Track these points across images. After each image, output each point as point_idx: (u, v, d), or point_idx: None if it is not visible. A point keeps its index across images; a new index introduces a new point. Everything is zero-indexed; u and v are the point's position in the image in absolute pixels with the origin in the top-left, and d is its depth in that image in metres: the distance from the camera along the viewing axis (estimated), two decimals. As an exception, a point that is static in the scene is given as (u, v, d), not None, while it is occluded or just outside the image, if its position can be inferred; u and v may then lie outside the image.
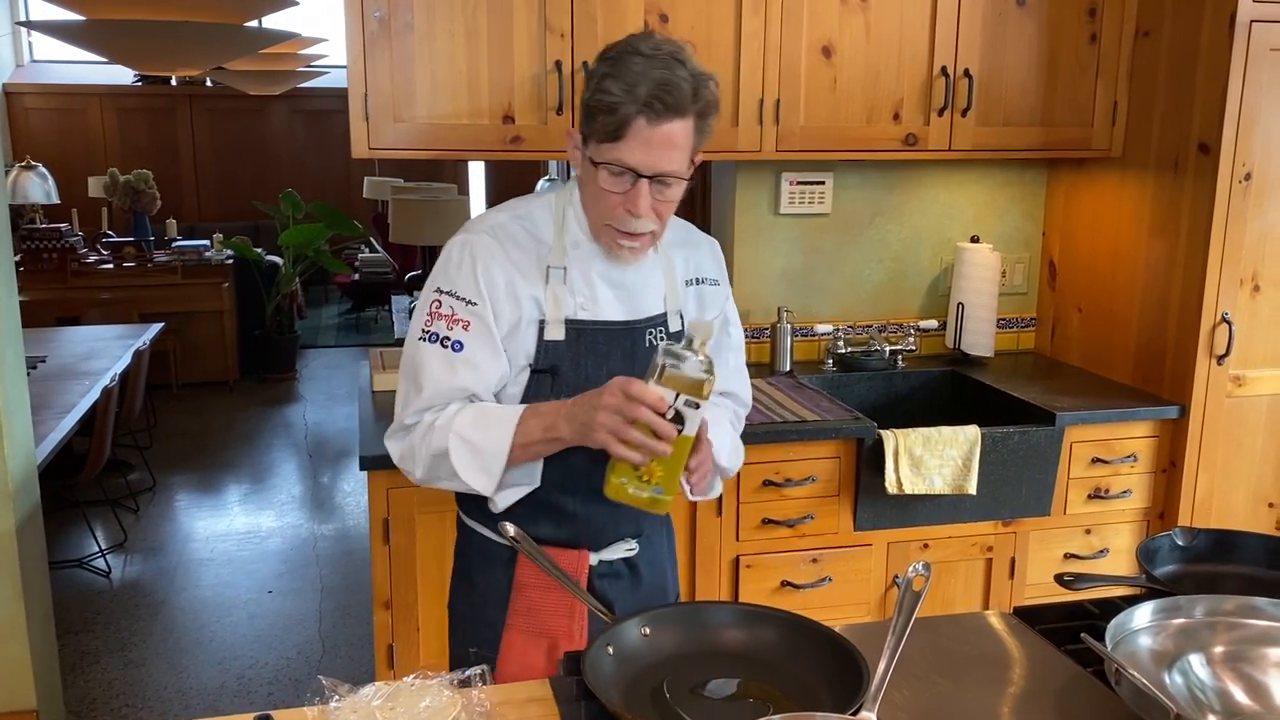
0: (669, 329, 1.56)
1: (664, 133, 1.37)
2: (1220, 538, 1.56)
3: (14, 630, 2.51)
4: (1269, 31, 2.43)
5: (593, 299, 1.50)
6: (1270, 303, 2.60)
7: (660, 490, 1.32)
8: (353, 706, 1.13)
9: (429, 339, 1.47)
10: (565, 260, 1.50)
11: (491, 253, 1.48)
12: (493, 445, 1.42)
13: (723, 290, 1.67)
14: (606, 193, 1.42)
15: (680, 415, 1.29)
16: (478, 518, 1.60)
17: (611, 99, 1.37)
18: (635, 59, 1.37)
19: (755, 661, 1.27)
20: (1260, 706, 1.19)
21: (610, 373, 1.47)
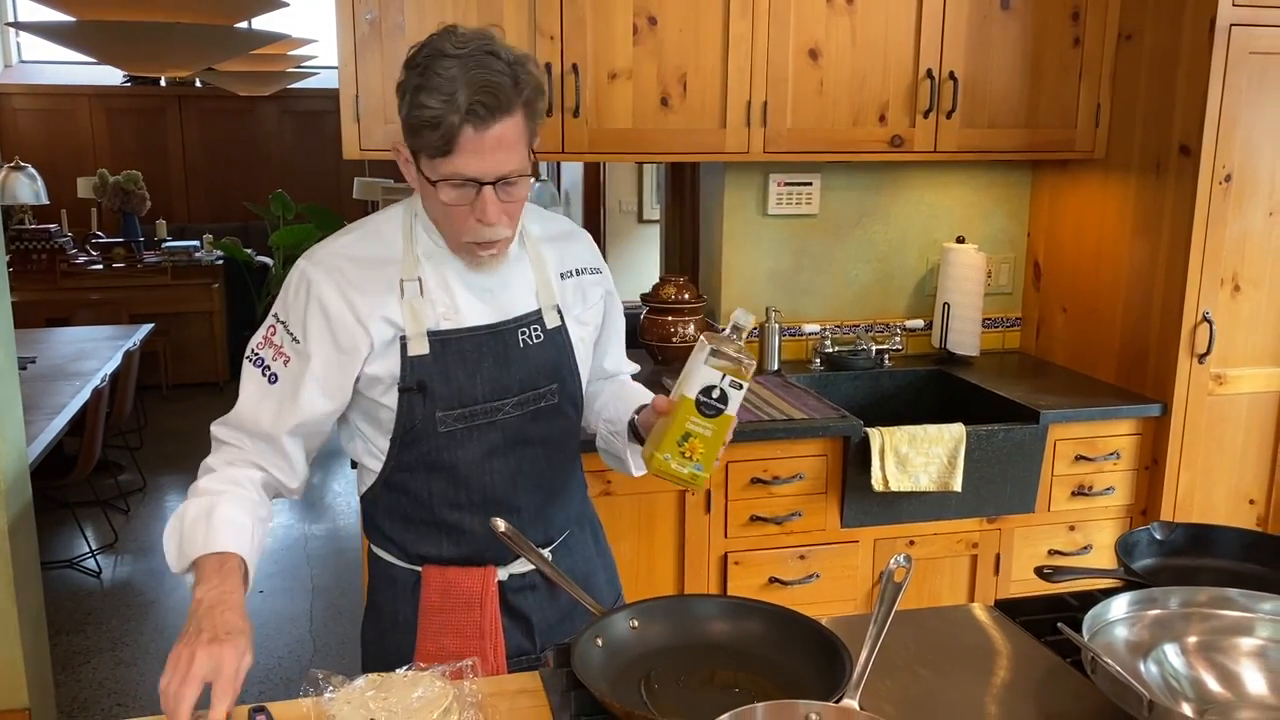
0: (545, 325, 1.50)
1: (495, 135, 1.29)
2: (1197, 532, 1.59)
3: (6, 629, 2.51)
4: (1248, 35, 2.47)
5: (454, 306, 1.44)
6: (1250, 302, 2.64)
7: (700, 467, 1.34)
8: (346, 697, 1.15)
9: (255, 361, 1.45)
10: (418, 271, 1.43)
11: (327, 288, 1.40)
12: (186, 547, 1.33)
13: (605, 279, 1.63)
14: (451, 207, 1.35)
15: (725, 395, 1.32)
16: (380, 543, 1.56)
17: (431, 112, 1.28)
18: (444, 61, 1.28)
19: (741, 653, 1.30)
20: (1232, 694, 1.22)
21: (485, 379, 1.44)
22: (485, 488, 1.48)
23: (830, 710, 1.05)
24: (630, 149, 2.55)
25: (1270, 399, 2.71)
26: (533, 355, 1.49)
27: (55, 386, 4.03)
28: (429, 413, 1.43)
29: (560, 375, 1.52)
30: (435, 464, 1.46)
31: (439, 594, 1.49)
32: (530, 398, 1.49)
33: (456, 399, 1.44)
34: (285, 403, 1.43)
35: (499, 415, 1.47)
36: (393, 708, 1.12)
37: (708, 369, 1.32)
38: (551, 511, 1.56)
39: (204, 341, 6.98)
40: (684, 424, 1.32)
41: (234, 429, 1.46)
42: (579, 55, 2.42)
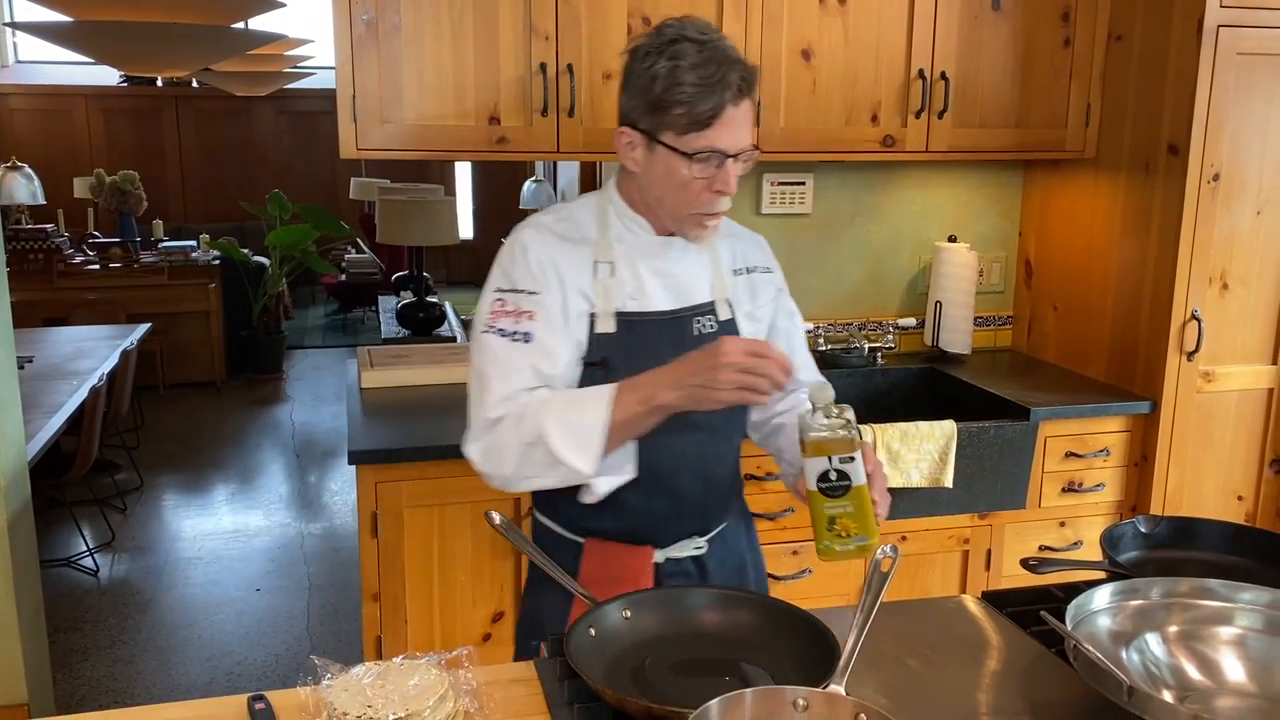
0: (718, 317, 1.57)
1: (744, 111, 1.42)
2: (1181, 525, 1.61)
3: (6, 626, 2.54)
4: (1236, 36, 2.50)
5: (641, 290, 1.52)
6: (1238, 300, 2.67)
7: (862, 538, 1.37)
8: (344, 685, 1.17)
9: (497, 333, 1.48)
10: (611, 255, 1.52)
11: (542, 244, 1.51)
12: (589, 421, 1.40)
13: (777, 279, 1.69)
14: (691, 179, 1.44)
15: (842, 473, 1.34)
16: (548, 513, 1.62)
17: (694, 90, 1.38)
18: (690, 45, 1.39)
19: (732, 642, 1.32)
20: (1212, 682, 1.25)
21: (661, 362, 1.47)
22: (651, 466, 1.51)
23: (817, 696, 1.07)
24: (625, 148, 2.56)
25: (1258, 396, 2.74)
26: (705, 344, 1.51)
27: (52, 386, 4.05)
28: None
29: None
30: None
31: (599, 566, 1.55)
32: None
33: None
34: (552, 343, 1.48)
35: None
36: (390, 695, 1.14)
37: (814, 460, 1.35)
38: (710, 500, 1.60)
39: (201, 341, 7.00)
40: (823, 512, 1.37)
41: (508, 400, 1.46)
42: (574, 55, 2.44)
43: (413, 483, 2.31)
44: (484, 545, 2.38)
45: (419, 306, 4.96)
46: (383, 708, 1.13)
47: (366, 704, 1.14)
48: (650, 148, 1.45)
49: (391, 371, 2.75)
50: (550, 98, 2.43)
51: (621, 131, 1.49)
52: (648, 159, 1.47)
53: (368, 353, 2.92)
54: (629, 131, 1.47)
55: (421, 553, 2.35)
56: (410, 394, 2.69)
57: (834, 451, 1.35)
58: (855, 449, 1.35)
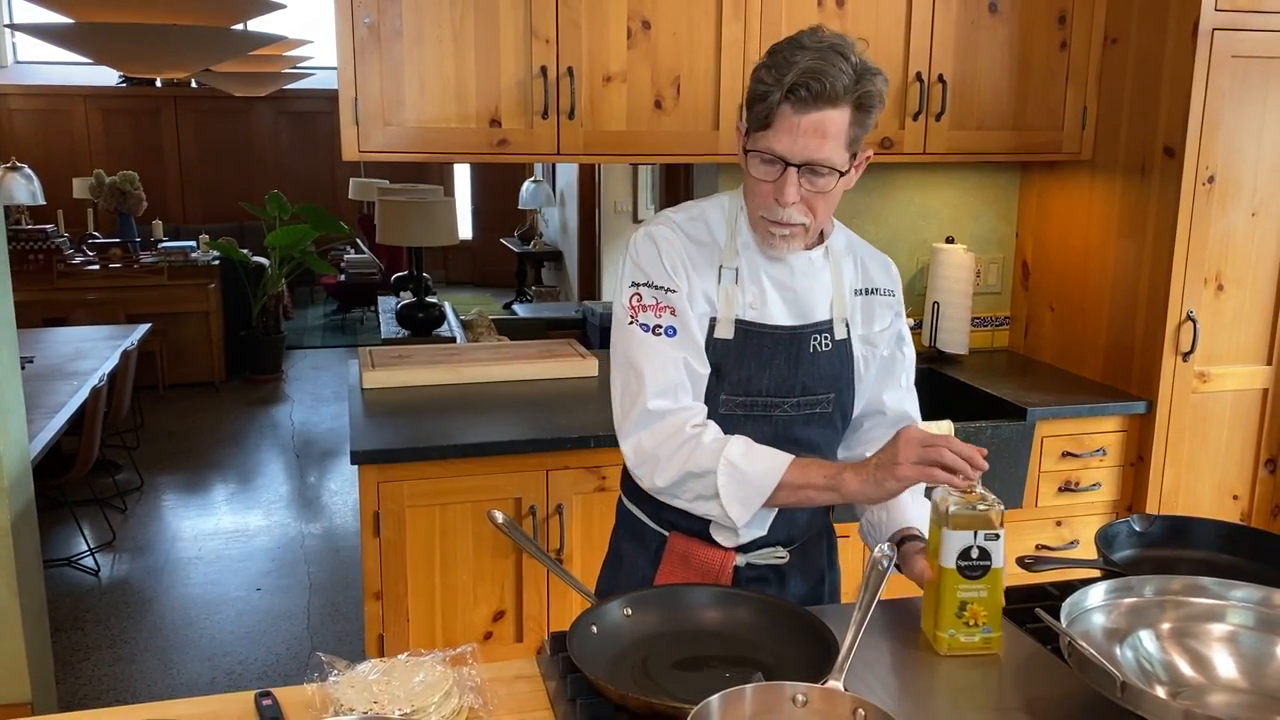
0: (834, 336, 1.55)
1: (811, 121, 1.37)
2: (1175, 524, 1.64)
3: (9, 624, 2.55)
4: (1231, 39, 2.52)
5: (761, 300, 1.52)
6: (1233, 301, 2.69)
7: (989, 629, 1.33)
8: (350, 681, 1.19)
9: (643, 328, 1.48)
10: (737, 261, 1.52)
11: (673, 243, 1.51)
12: (759, 479, 1.41)
13: (896, 303, 1.64)
14: (758, 181, 1.44)
15: (985, 551, 1.31)
16: (636, 501, 1.63)
17: (763, 87, 1.39)
18: (794, 50, 1.39)
19: (731, 639, 1.34)
20: (1204, 678, 1.27)
21: (773, 376, 1.51)
22: None
23: (816, 692, 1.09)
24: (625, 151, 2.58)
25: (1253, 396, 2.76)
26: (820, 362, 1.54)
27: (53, 386, 4.06)
28: (715, 393, 1.50)
29: (839, 386, 1.56)
30: None
31: (679, 560, 1.55)
32: (808, 401, 1.54)
33: (743, 388, 1.51)
34: (697, 345, 1.49)
35: (776, 411, 1.53)
36: (395, 691, 1.16)
37: (957, 533, 1.30)
38: (799, 514, 1.58)
39: (200, 341, 7.01)
40: (954, 595, 1.32)
41: (667, 395, 1.46)
42: (574, 58, 2.46)
43: (414, 482, 2.33)
44: (485, 544, 2.40)
45: (419, 307, 4.98)
46: (388, 704, 1.15)
47: (373, 700, 1.16)
48: (744, 142, 1.47)
49: (393, 372, 2.77)
50: (551, 100, 2.45)
51: (738, 126, 1.50)
52: (742, 155, 1.48)
53: (369, 353, 2.94)
54: (741, 126, 1.48)
55: (423, 552, 2.37)
56: (412, 394, 2.70)
57: (980, 526, 1.30)
58: (1001, 525, 1.31)
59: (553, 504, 2.39)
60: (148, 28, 4.38)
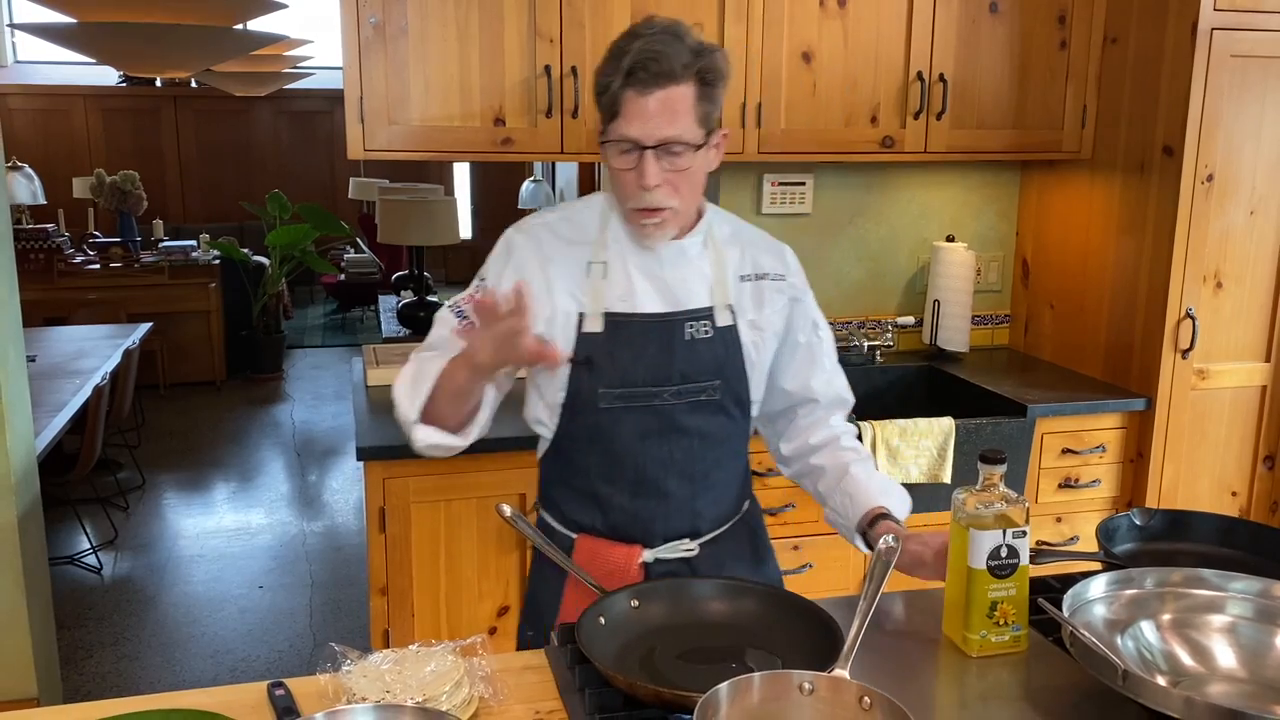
0: (715, 322, 1.55)
1: (656, 100, 1.39)
2: (1175, 517, 1.65)
3: (16, 620, 2.56)
4: (1230, 38, 2.53)
5: (630, 290, 1.53)
6: (1232, 299, 2.71)
7: (1018, 627, 1.33)
8: (363, 671, 1.20)
9: (454, 310, 1.54)
10: (605, 255, 1.54)
11: (528, 251, 1.54)
12: (427, 370, 1.45)
13: (789, 287, 1.63)
14: (620, 172, 1.45)
15: (1014, 549, 1.31)
16: (547, 507, 1.67)
17: (604, 79, 1.42)
18: (629, 40, 1.42)
19: (738, 630, 1.36)
20: (1204, 668, 1.29)
21: (647, 364, 1.52)
22: (638, 467, 1.54)
23: (823, 680, 1.10)
24: (627, 149, 2.60)
25: (1252, 393, 2.77)
26: (698, 349, 1.54)
27: (56, 385, 4.07)
28: (593, 388, 1.52)
29: (724, 374, 1.56)
30: (595, 438, 1.55)
31: (587, 561, 1.56)
32: (690, 389, 1.54)
33: (619, 379, 1.51)
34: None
35: (656, 400, 1.53)
36: (407, 681, 1.18)
37: (986, 534, 1.30)
38: (701, 504, 1.59)
39: (201, 341, 7.02)
40: (985, 595, 1.31)
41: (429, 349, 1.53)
42: (577, 57, 2.48)
43: (419, 478, 2.34)
44: (490, 539, 2.41)
45: (419, 306, 4.99)
46: (400, 693, 1.16)
47: (385, 689, 1.17)
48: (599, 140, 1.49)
49: (397, 369, 2.77)
50: (555, 99, 2.46)
51: (598, 128, 1.51)
52: (602, 152, 1.50)
53: (373, 351, 2.95)
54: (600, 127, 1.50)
55: (428, 547, 2.38)
56: (415, 391, 2.71)
57: (1008, 525, 1.30)
58: (1027, 521, 1.32)
59: (556, 500, 2.40)
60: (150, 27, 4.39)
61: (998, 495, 1.33)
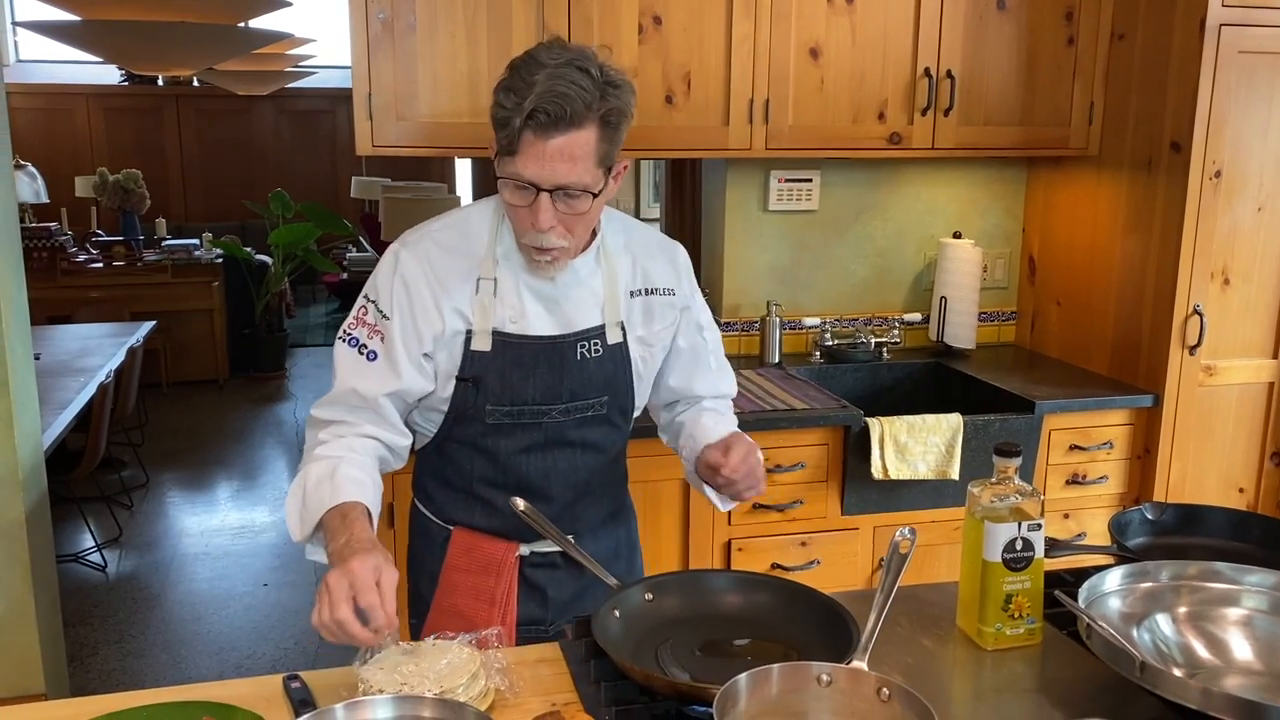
0: (606, 341, 1.53)
1: (556, 146, 1.32)
2: (1187, 511, 1.65)
3: (24, 617, 2.56)
4: (1237, 34, 2.53)
5: (521, 312, 1.48)
6: (1240, 295, 2.71)
7: (1033, 619, 1.34)
8: (379, 663, 1.20)
9: (349, 341, 1.49)
10: (496, 271, 1.48)
11: (415, 269, 1.47)
12: (313, 507, 1.38)
13: (679, 299, 1.62)
14: (513, 207, 1.40)
15: (1029, 542, 1.31)
16: (422, 499, 1.66)
17: (503, 112, 1.33)
18: (532, 67, 1.33)
19: (752, 623, 1.36)
20: (1220, 660, 1.29)
21: (537, 384, 1.49)
22: (521, 477, 1.54)
23: (841, 672, 1.10)
24: (636, 146, 2.59)
25: (1259, 390, 2.77)
26: (588, 368, 1.52)
27: (60, 383, 4.07)
28: (480, 404, 1.49)
29: (614, 388, 1.55)
30: (480, 446, 1.53)
31: (462, 554, 1.57)
32: (578, 406, 1.53)
33: (507, 398, 1.49)
34: (385, 374, 1.47)
35: (545, 419, 1.52)
36: (424, 673, 1.18)
37: (1001, 526, 1.30)
38: (582, 508, 1.61)
39: (204, 339, 7.02)
40: (1000, 588, 1.31)
41: (336, 405, 1.49)
42: (586, 54, 2.47)
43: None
44: (498, 536, 2.41)
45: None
46: (417, 685, 1.16)
47: (401, 682, 1.17)
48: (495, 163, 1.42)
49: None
50: (562, 95, 2.46)
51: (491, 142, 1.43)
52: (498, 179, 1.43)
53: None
54: (492, 143, 1.42)
55: (436, 544, 2.38)
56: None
57: (1023, 517, 1.30)
58: (1041, 514, 1.32)
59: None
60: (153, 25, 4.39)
61: (1012, 488, 1.33)
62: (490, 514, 1.57)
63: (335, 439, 1.47)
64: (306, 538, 1.40)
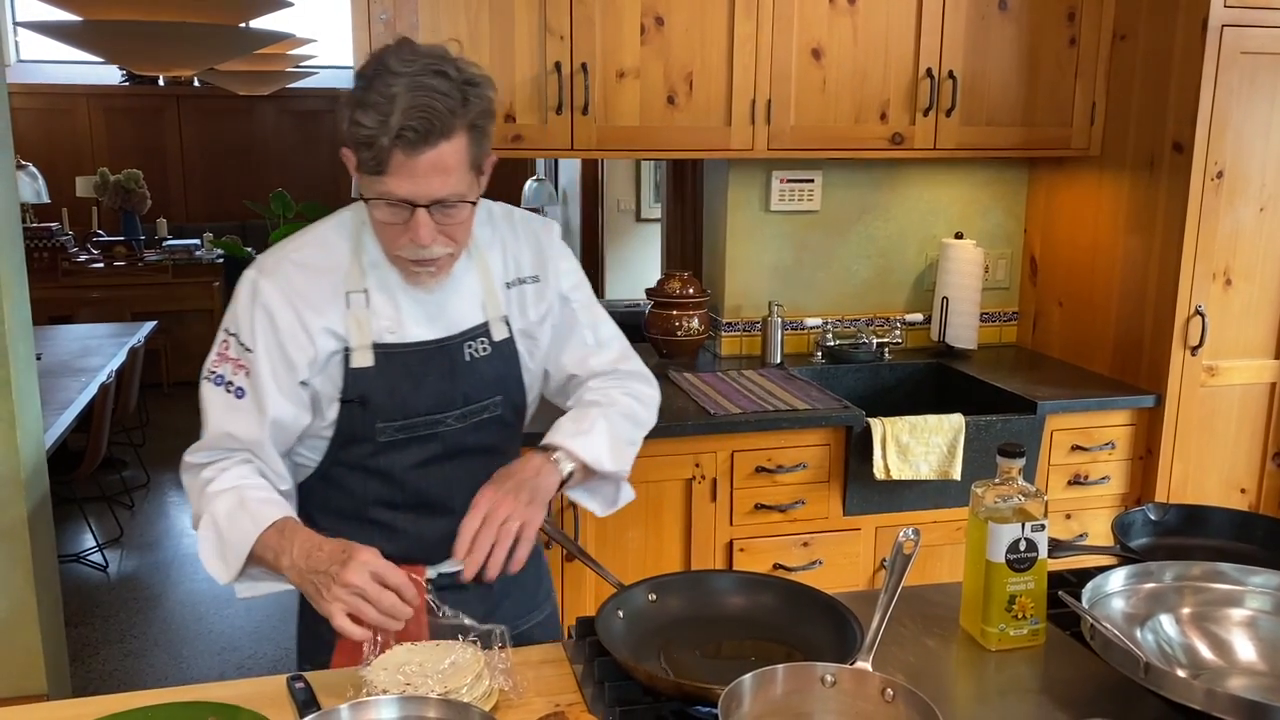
0: (492, 338, 1.47)
1: (429, 160, 1.27)
2: (1190, 512, 1.65)
3: (26, 616, 2.56)
4: (1239, 35, 2.53)
5: (398, 320, 1.41)
6: (1242, 296, 2.71)
7: (1036, 620, 1.33)
8: (383, 664, 1.21)
9: (214, 380, 1.41)
10: (365, 282, 1.41)
11: (276, 295, 1.38)
12: (236, 540, 1.32)
13: (548, 283, 1.54)
14: (385, 224, 1.34)
15: (1033, 543, 1.31)
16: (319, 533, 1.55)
17: (366, 132, 1.26)
18: (387, 78, 1.26)
19: (755, 623, 1.36)
20: (1223, 661, 1.29)
21: (428, 393, 1.42)
22: (420, 491, 1.46)
23: (845, 672, 1.11)
24: (637, 146, 2.60)
25: (1261, 390, 2.77)
26: (479, 368, 1.46)
27: (61, 383, 4.07)
28: (369, 423, 1.41)
29: (506, 387, 1.49)
30: (371, 467, 1.44)
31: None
32: (473, 410, 1.46)
33: (399, 412, 1.42)
34: (255, 412, 1.39)
35: (440, 428, 1.45)
36: (427, 674, 1.18)
37: (1005, 527, 1.30)
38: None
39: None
40: (1004, 589, 1.31)
41: (211, 450, 1.41)
42: (588, 54, 2.48)
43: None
44: (500, 537, 2.41)
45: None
46: (420, 686, 1.16)
47: (405, 682, 1.17)
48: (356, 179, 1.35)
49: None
50: (565, 96, 2.47)
51: (343, 151, 1.36)
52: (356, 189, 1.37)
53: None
54: (349, 154, 1.34)
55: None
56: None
57: (1026, 518, 1.30)
58: (1045, 515, 1.31)
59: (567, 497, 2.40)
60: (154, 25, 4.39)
61: (1016, 489, 1.33)
62: (390, 538, 1.44)
63: (221, 473, 1.39)
64: (235, 577, 1.34)
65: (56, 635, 2.75)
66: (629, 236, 6.80)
